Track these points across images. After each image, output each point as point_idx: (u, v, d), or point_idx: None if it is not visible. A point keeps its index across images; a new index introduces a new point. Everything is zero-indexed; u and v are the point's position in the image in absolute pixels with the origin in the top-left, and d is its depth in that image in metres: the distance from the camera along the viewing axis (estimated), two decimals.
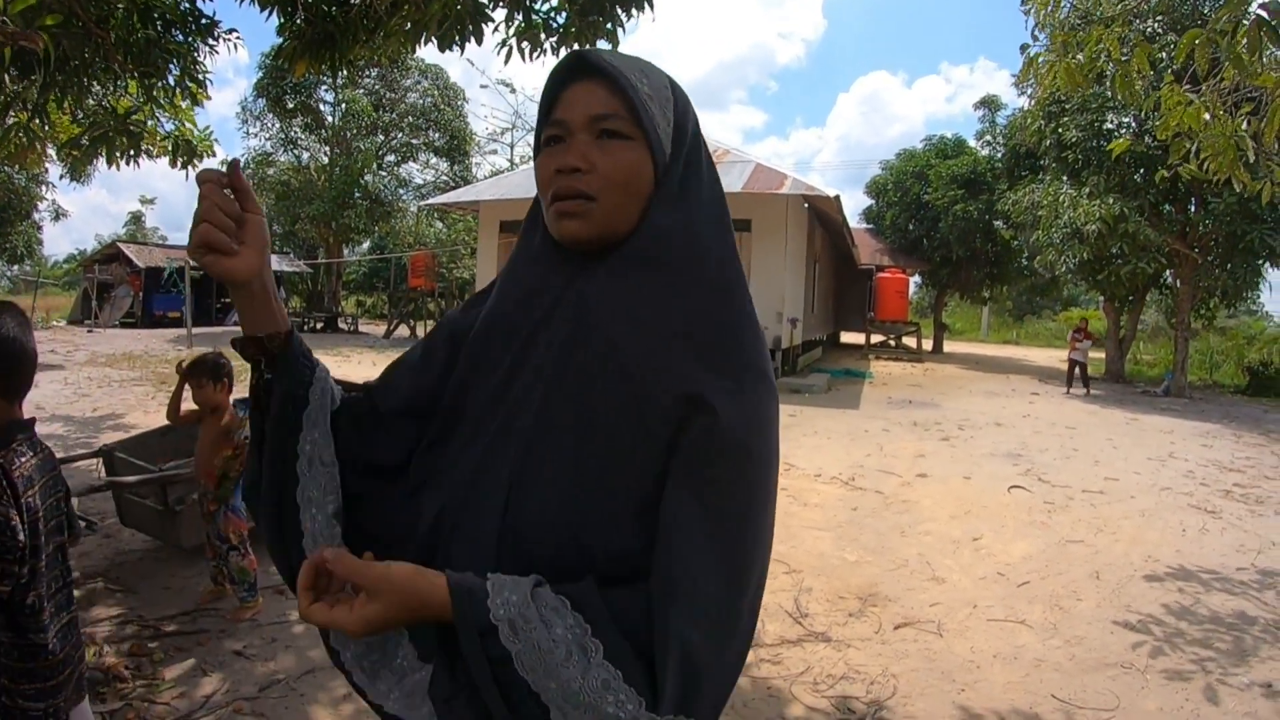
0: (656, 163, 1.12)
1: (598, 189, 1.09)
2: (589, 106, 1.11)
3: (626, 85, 1.10)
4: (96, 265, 31.14)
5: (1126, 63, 4.99)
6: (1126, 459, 9.76)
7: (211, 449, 4.42)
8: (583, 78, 1.13)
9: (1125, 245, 16.95)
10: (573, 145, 1.11)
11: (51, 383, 13.12)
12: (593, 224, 1.10)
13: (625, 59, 1.15)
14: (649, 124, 1.11)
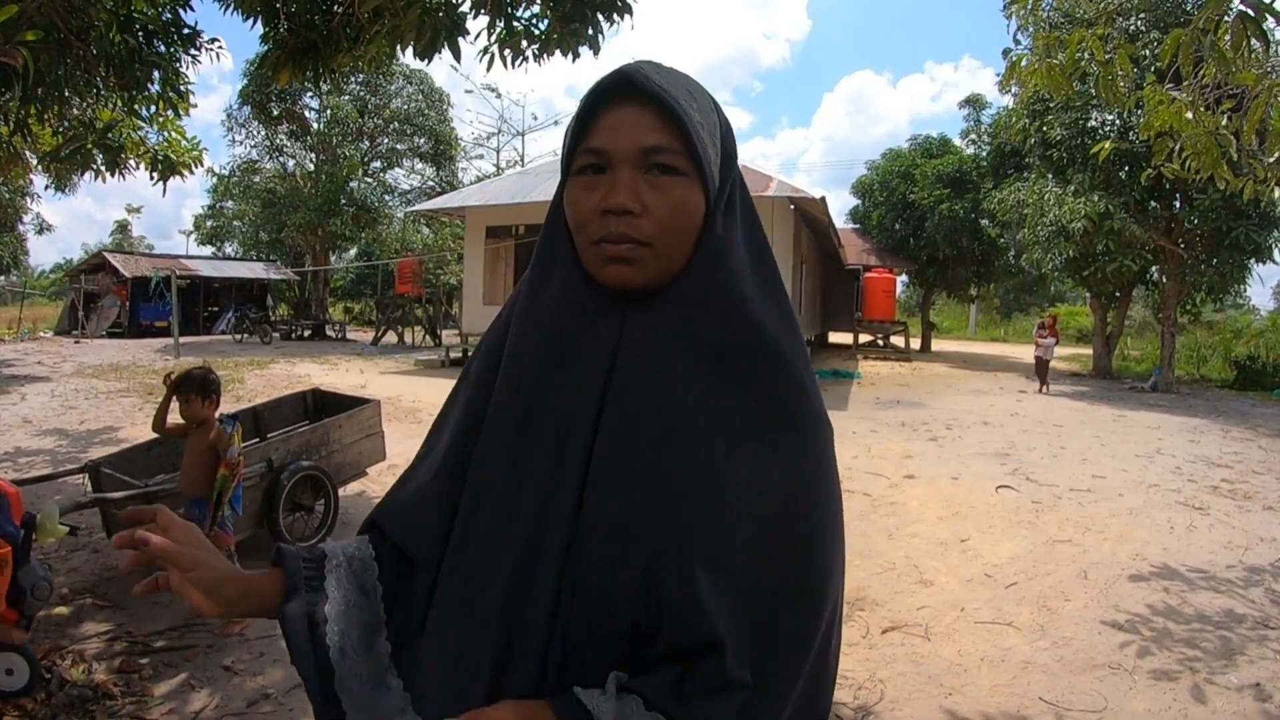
0: (708, 197, 1.03)
1: (652, 235, 0.99)
2: (639, 137, 0.99)
3: (681, 113, 0.99)
4: (83, 275, 31.00)
5: (1109, 63, 5.01)
6: (1114, 456, 9.80)
7: (198, 463, 4.43)
8: (628, 100, 1.00)
9: (1111, 242, 17.00)
10: (619, 180, 0.99)
11: (39, 395, 13.06)
12: (645, 271, 1.00)
13: (673, 76, 1.04)
14: (703, 157, 1.01)
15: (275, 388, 13.71)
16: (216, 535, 4.35)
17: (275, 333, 27.58)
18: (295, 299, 36.82)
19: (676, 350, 1.01)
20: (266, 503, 5.42)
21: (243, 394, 13.17)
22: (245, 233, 37.22)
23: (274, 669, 3.99)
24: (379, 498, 4.59)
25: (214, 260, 36.09)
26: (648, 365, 1.00)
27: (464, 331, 20.97)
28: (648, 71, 1.01)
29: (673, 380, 1.00)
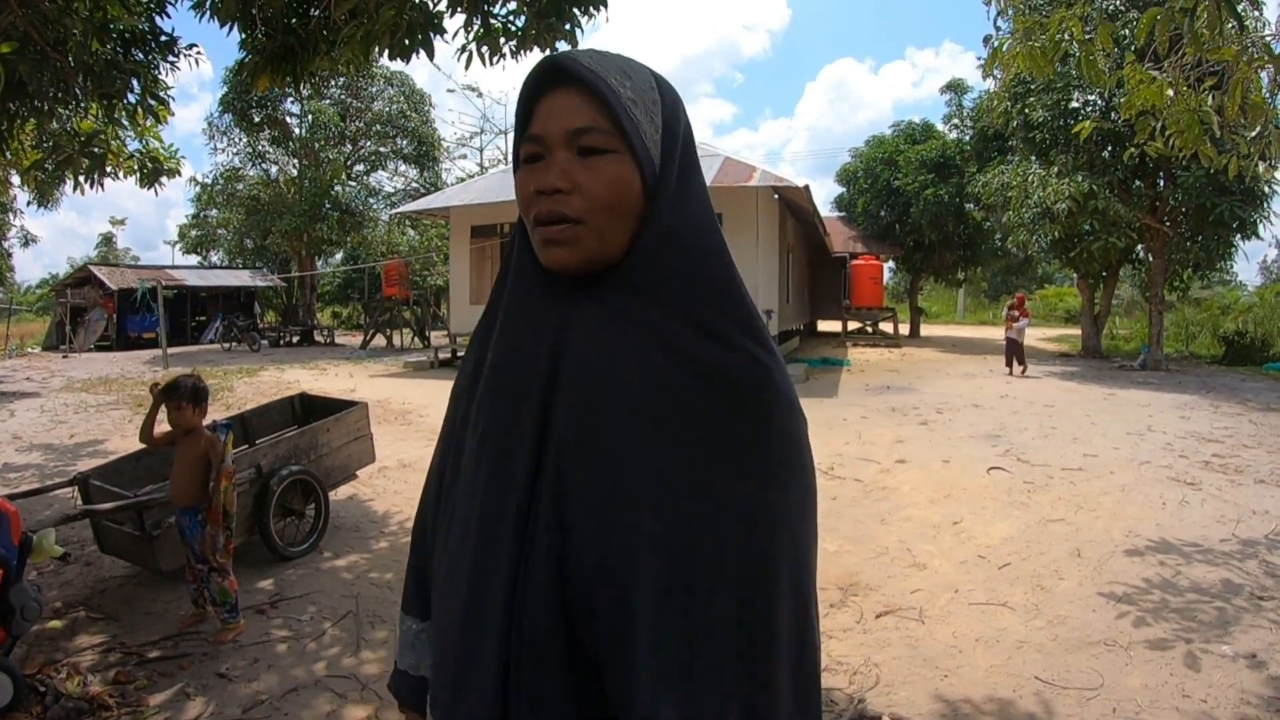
0: (644, 174, 1.03)
1: (583, 211, 1.01)
2: (567, 119, 1.02)
3: (606, 91, 1.01)
4: (69, 289, 30.88)
5: (1090, 42, 5.02)
6: (1105, 435, 9.82)
7: (188, 472, 4.39)
8: (559, 86, 1.03)
9: (1096, 222, 17.08)
10: (552, 163, 1.02)
11: (28, 411, 13.00)
12: (580, 250, 1.02)
13: (605, 59, 1.05)
14: (633, 134, 1.02)
15: (265, 394, 13.66)
16: (209, 542, 4.35)
17: (263, 340, 27.51)
18: (283, 305, 36.77)
19: (620, 337, 1.00)
20: (257, 509, 5.40)
21: (232, 402, 13.13)
22: (230, 241, 37.11)
23: (268, 675, 3.98)
24: (370, 500, 4.65)
25: (200, 269, 36.03)
26: (591, 354, 1.01)
27: (452, 332, 20.92)
28: (576, 56, 1.03)
29: (615, 369, 0.99)
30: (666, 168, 1.05)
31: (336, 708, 3.66)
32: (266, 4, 5.12)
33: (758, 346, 1.03)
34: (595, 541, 0.95)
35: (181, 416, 4.41)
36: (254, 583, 5.17)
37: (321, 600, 4.93)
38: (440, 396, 14.31)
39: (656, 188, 1.04)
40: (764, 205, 17.20)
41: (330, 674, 3.98)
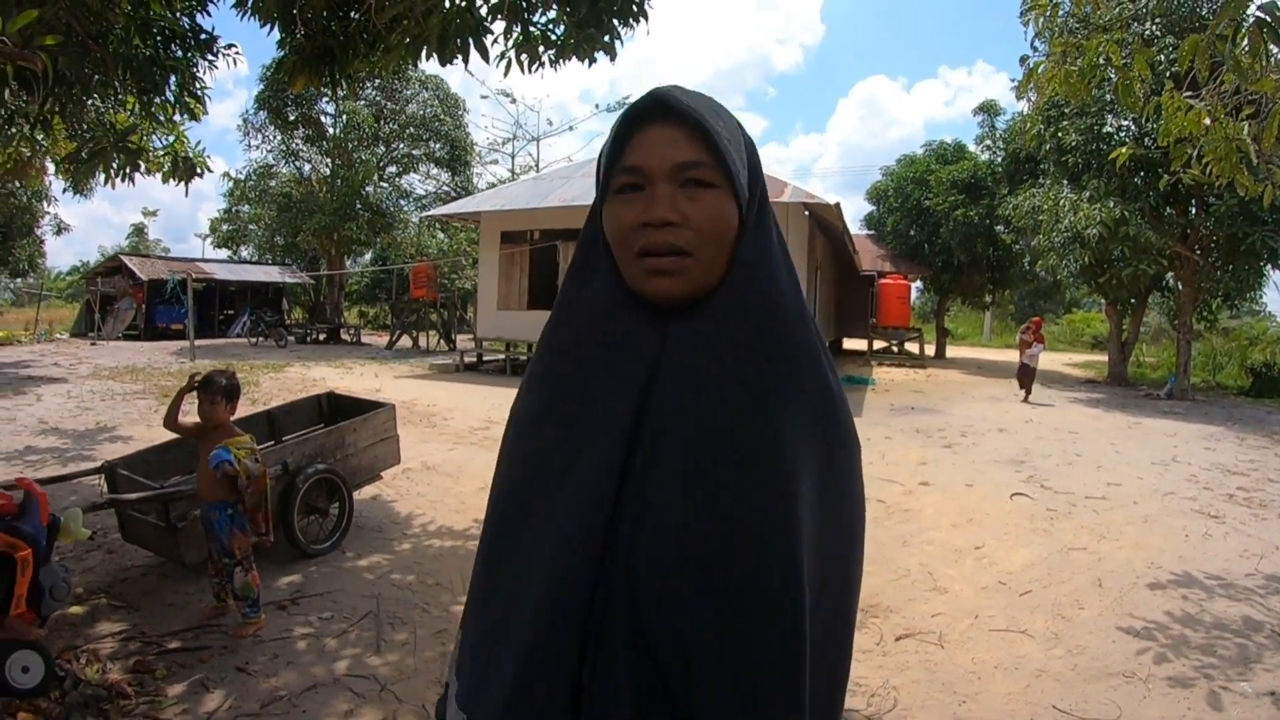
0: (741, 211, 1.08)
1: (693, 244, 1.04)
2: (673, 154, 1.05)
3: (711, 130, 1.05)
4: (99, 278, 31.20)
5: (1127, 68, 5.00)
6: (1129, 464, 9.73)
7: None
8: (661, 121, 1.07)
9: (1126, 248, 16.92)
10: (657, 195, 1.04)
11: (55, 396, 13.14)
12: (688, 281, 1.04)
13: (699, 97, 1.10)
14: (734, 170, 1.06)
15: (290, 391, 13.76)
16: (234, 535, 4.44)
17: (290, 336, 27.71)
18: (310, 303, 37.00)
19: (719, 360, 1.03)
20: (282, 506, 5.44)
21: (258, 397, 13.22)
22: (261, 236, 37.38)
23: (288, 671, 4.00)
24: (393, 501, 4.66)
25: (230, 264, 36.28)
26: (691, 375, 1.03)
27: (478, 336, 20.97)
28: (677, 94, 1.07)
29: (717, 389, 1.02)
30: (751, 203, 1.10)
31: (354, 707, 3.68)
32: (307, 5, 5.18)
33: (831, 375, 1.10)
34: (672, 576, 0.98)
35: (214, 411, 4.47)
36: (276, 579, 5.20)
37: (343, 599, 4.96)
38: (466, 400, 14.47)
39: (744, 222, 1.08)
40: (794, 221, 17.16)
41: (350, 674, 4.00)
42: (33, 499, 3.78)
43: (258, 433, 6.57)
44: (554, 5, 5.23)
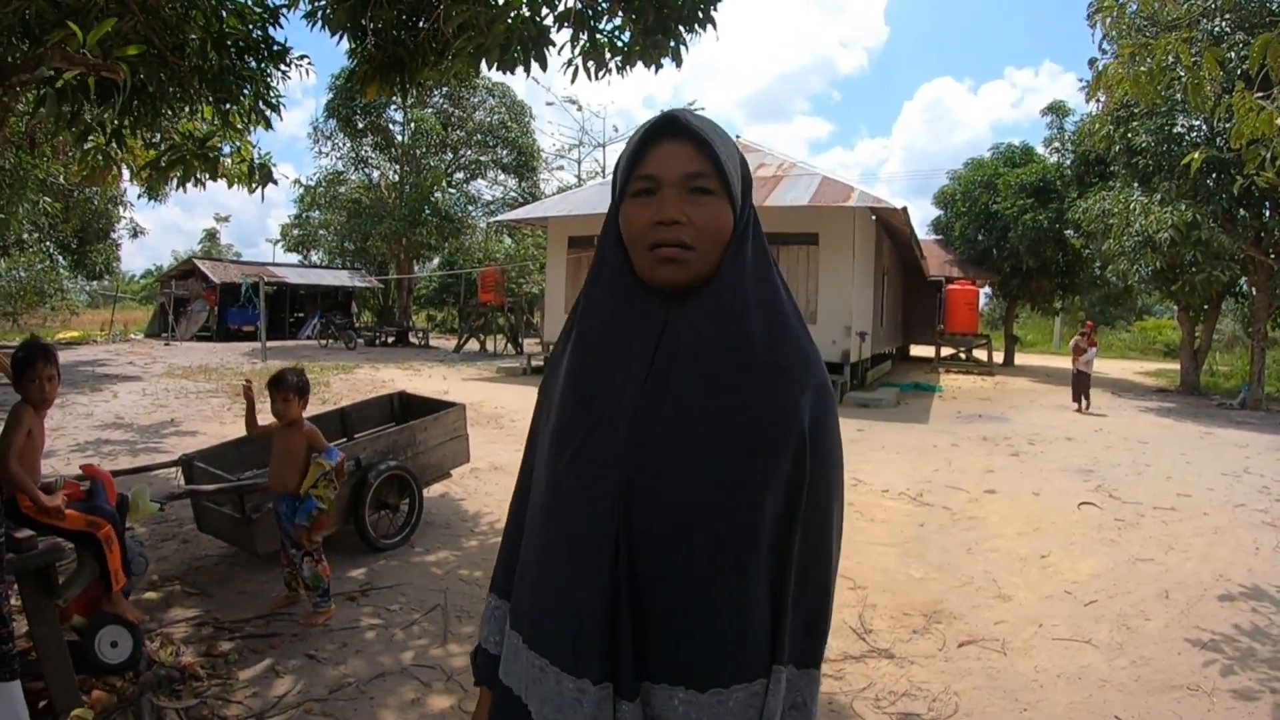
0: (736, 219, 1.29)
1: (694, 240, 1.25)
2: (682, 165, 1.26)
3: (715, 146, 1.26)
4: (173, 281, 32.14)
5: (1196, 68, 4.92)
6: (1200, 474, 9.52)
7: (290, 462, 4.60)
8: (673, 137, 1.28)
9: (1199, 253, 16.49)
10: (667, 199, 1.26)
11: (130, 394, 13.57)
12: (689, 270, 1.26)
13: (706, 122, 1.31)
14: (732, 182, 1.28)
15: (360, 391, 14.05)
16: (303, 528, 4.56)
17: (359, 339, 28.25)
18: (379, 306, 37.65)
19: (711, 335, 1.25)
20: (354, 500, 5.58)
21: (328, 397, 13.52)
22: (331, 241, 38.18)
23: (356, 659, 4.11)
24: (462, 499, 4.78)
25: (300, 268, 37.08)
26: (688, 348, 1.25)
27: (545, 340, 21.16)
28: (687, 116, 1.29)
29: (707, 359, 1.24)
30: (744, 211, 1.31)
31: (421, 696, 3.77)
32: (376, 16, 5.31)
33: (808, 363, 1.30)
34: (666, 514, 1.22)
35: (288, 409, 4.60)
36: (346, 571, 5.34)
37: (411, 592, 5.07)
38: (533, 403, 14.29)
39: (735, 228, 1.30)
40: (861, 226, 17.06)
41: (417, 663, 4.09)
42: (99, 484, 4.01)
43: (330, 430, 6.76)
44: (620, 12, 5.29)
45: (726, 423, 1.21)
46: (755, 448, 1.21)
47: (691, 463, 1.21)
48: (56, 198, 17.53)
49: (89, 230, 24.64)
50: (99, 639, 3.76)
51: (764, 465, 1.21)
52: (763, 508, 1.21)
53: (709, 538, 1.20)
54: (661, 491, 1.22)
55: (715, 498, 1.20)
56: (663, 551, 1.21)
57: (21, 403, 3.77)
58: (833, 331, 16.71)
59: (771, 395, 1.23)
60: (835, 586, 1.32)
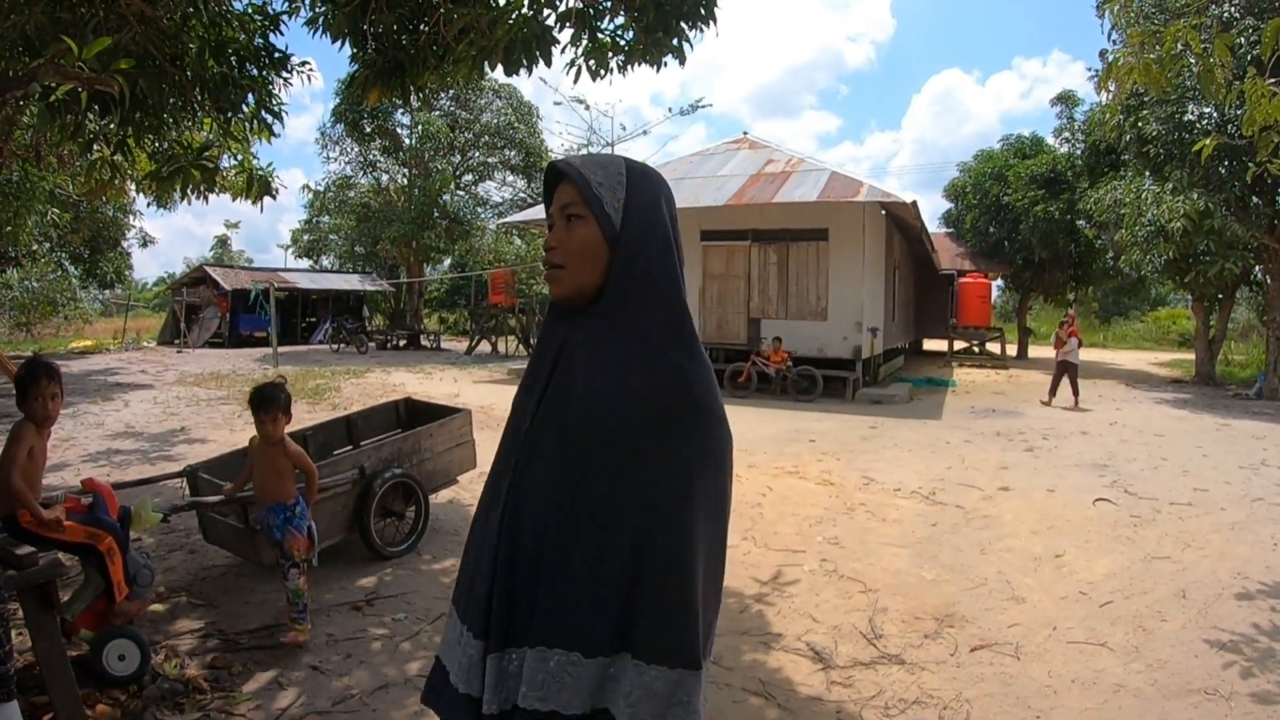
0: (606, 233, 1.49)
1: (564, 259, 1.51)
2: (559, 199, 1.54)
3: (578, 178, 1.50)
4: (184, 288, 32.26)
5: (1207, 54, 4.84)
6: (1216, 468, 9.40)
7: (275, 473, 4.44)
8: (559, 179, 1.56)
9: (1212, 242, 16.35)
10: (554, 229, 1.54)
11: (141, 402, 13.61)
12: (564, 286, 1.52)
13: (589, 158, 1.56)
14: (595, 205, 1.49)
15: (371, 396, 14.04)
16: (294, 537, 4.39)
17: (371, 342, 28.29)
18: (390, 309, 37.73)
19: (596, 347, 1.46)
20: (358, 509, 5.55)
21: (338, 402, 13.52)
22: (341, 246, 38.32)
23: (360, 670, 4.09)
24: (470, 505, 4.75)
25: (311, 273, 37.20)
26: (579, 359, 1.47)
27: None
28: (570, 160, 1.55)
29: (588, 382, 1.44)
30: (626, 227, 1.50)
31: (424, 708, 3.72)
32: (376, 21, 5.27)
33: (685, 355, 1.46)
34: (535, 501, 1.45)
35: (277, 430, 4.42)
36: (352, 580, 5.33)
37: (417, 601, 5.04)
38: None
39: (617, 241, 1.49)
40: (871, 221, 16.98)
41: (421, 674, 4.05)
42: (100, 497, 4.02)
43: (337, 438, 6.74)
44: (621, 11, 5.25)
45: (592, 429, 1.41)
46: (611, 454, 1.39)
47: (561, 464, 1.43)
48: (65, 209, 17.62)
49: (99, 240, 24.74)
50: (107, 652, 3.78)
51: (620, 469, 1.39)
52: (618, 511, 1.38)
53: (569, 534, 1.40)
54: (536, 488, 1.45)
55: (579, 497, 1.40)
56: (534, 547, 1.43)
57: (24, 420, 3.78)
58: (844, 328, 16.65)
59: (642, 412, 1.40)
60: (697, 594, 1.40)
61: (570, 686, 1.36)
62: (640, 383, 1.41)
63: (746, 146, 20.84)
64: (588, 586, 1.37)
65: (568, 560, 1.39)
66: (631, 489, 1.38)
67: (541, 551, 1.41)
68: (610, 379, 1.42)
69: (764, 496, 7.80)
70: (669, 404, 1.40)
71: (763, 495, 7.84)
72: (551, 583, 1.40)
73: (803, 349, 16.52)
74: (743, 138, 21.75)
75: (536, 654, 1.38)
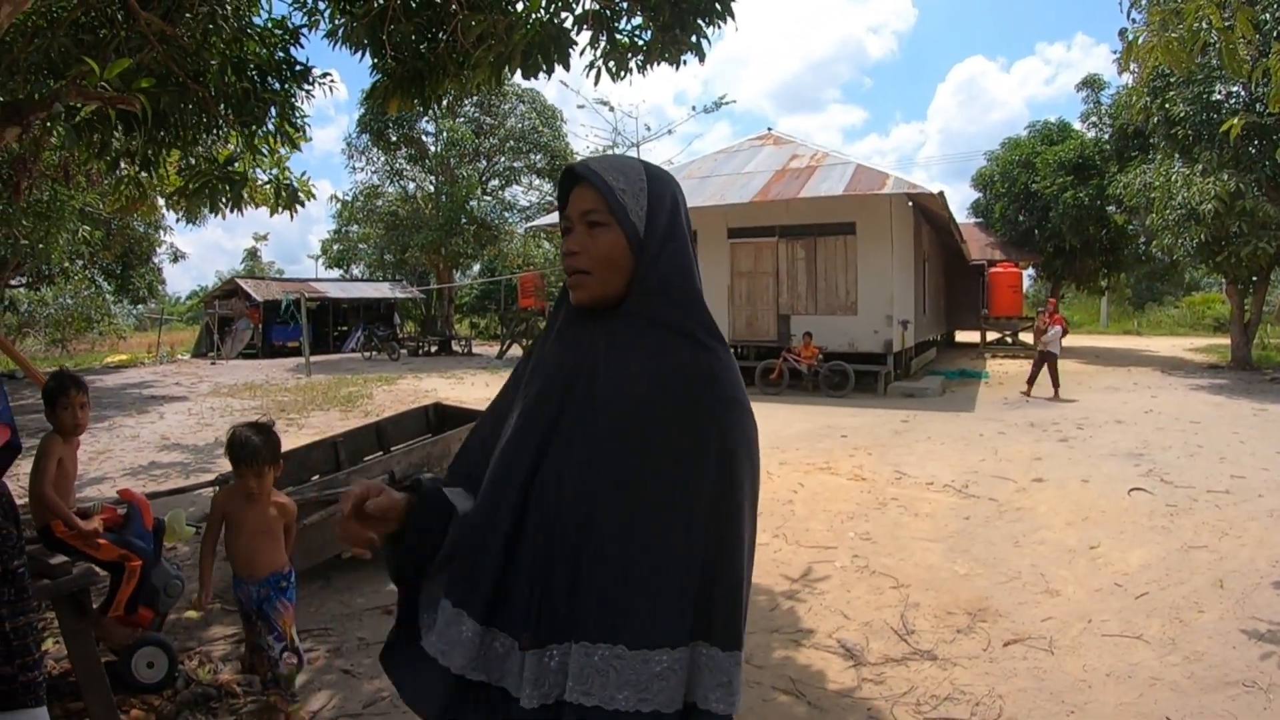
0: (631, 240, 1.50)
1: (589, 265, 1.51)
2: (580, 205, 1.53)
3: (602, 185, 1.50)
4: (217, 300, 32.56)
5: (1230, 30, 4.77)
6: (1254, 454, 9.23)
7: (266, 539, 3.66)
8: (578, 183, 1.54)
9: (1244, 223, 16.06)
10: (574, 234, 1.54)
11: (176, 414, 13.78)
12: (589, 291, 1.52)
13: (608, 162, 1.55)
14: (620, 213, 1.50)
15: (403, 402, 14.14)
16: (285, 610, 3.65)
17: (403, 349, 28.50)
18: (421, 316, 37.94)
19: (623, 347, 1.46)
20: None
21: (370, 409, 13.63)
22: (370, 254, 38.62)
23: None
24: None
25: (342, 282, 37.50)
26: (605, 360, 1.46)
27: None
28: (589, 163, 1.55)
29: (617, 373, 1.44)
30: (649, 233, 1.51)
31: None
32: (395, 30, 5.31)
33: (711, 350, 1.48)
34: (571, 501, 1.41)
35: (265, 484, 3.61)
36: (383, 584, 5.38)
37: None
38: None
39: (642, 247, 1.50)
40: (898, 213, 16.89)
41: None
42: (135, 509, 4.10)
43: (367, 444, 6.79)
44: (638, 11, 5.25)
45: (627, 427, 1.40)
46: (660, 450, 1.38)
47: (598, 466, 1.40)
48: (96, 226, 17.88)
49: (131, 255, 25.04)
50: (135, 660, 3.86)
51: (672, 467, 1.38)
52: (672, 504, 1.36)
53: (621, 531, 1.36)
54: (571, 489, 1.41)
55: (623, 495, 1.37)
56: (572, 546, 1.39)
57: (51, 434, 3.87)
58: (874, 321, 16.57)
59: (675, 405, 1.40)
60: (749, 577, 1.45)
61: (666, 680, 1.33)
62: (671, 379, 1.42)
63: (771, 142, 20.78)
64: (658, 580, 1.35)
65: (627, 556, 1.36)
66: (681, 480, 1.37)
67: (582, 550, 1.38)
68: (641, 378, 1.42)
69: (795, 493, 7.77)
70: (701, 397, 1.41)
71: (794, 492, 7.81)
72: (612, 579, 1.36)
73: (833, 344, 16.46)
74: (767, 134, 21.69)
75: (608, 651, 1.33)
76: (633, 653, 1.32)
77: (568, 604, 1.38)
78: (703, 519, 1.37)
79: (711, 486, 1.38)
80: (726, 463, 1.40)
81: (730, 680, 1.37)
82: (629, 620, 1.33)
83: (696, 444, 1.38)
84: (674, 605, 1.34)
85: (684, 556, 1.35)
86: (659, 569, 1.35)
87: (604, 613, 1.34)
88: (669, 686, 1.32)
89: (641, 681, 1.32)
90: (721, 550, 1.38)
